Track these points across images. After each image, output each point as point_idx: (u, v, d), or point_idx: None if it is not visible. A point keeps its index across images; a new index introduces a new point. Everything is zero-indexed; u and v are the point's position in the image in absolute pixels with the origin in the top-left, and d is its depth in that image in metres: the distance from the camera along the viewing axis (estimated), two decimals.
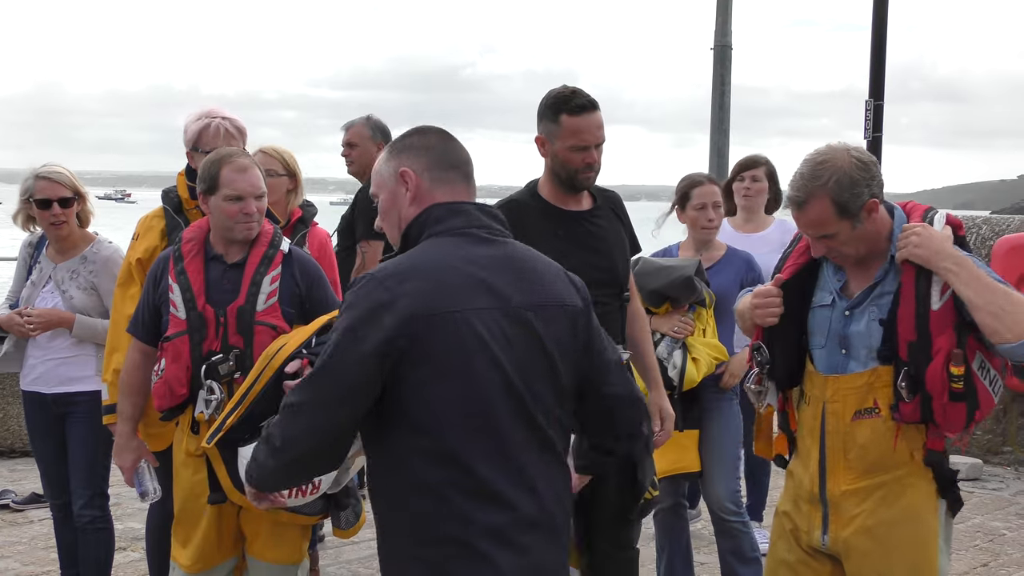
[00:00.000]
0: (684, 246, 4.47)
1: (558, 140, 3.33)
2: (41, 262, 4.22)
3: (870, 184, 2.71)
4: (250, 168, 3.34)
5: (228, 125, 3.86)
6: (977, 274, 2.63)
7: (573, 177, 3.36)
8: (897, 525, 2.78)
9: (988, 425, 7.45)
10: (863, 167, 2.71)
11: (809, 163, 2.73)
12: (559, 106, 3.32)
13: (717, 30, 10.93)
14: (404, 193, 2.33)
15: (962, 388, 2.65)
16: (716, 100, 10.95)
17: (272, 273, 3.31)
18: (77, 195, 4.16)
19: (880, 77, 7.58)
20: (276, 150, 4.60)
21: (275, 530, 3.34)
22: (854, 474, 2.80)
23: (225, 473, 3.20)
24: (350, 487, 3.39)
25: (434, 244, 2.28)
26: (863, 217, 2.72)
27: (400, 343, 2.15)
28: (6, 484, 6.27)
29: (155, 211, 3.91)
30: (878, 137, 7.55)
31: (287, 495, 3.13)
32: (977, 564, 5.32)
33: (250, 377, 3.16)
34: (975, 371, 2.67)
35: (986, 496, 6.64)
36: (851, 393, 2.78)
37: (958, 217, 2.84)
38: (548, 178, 3.43)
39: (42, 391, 4.16)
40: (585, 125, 3.31)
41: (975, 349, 2.68)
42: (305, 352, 3.19)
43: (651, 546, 4.71)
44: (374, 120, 5.67)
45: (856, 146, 2.81)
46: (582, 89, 3.36)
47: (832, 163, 2.70)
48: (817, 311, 2.87)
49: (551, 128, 3.34)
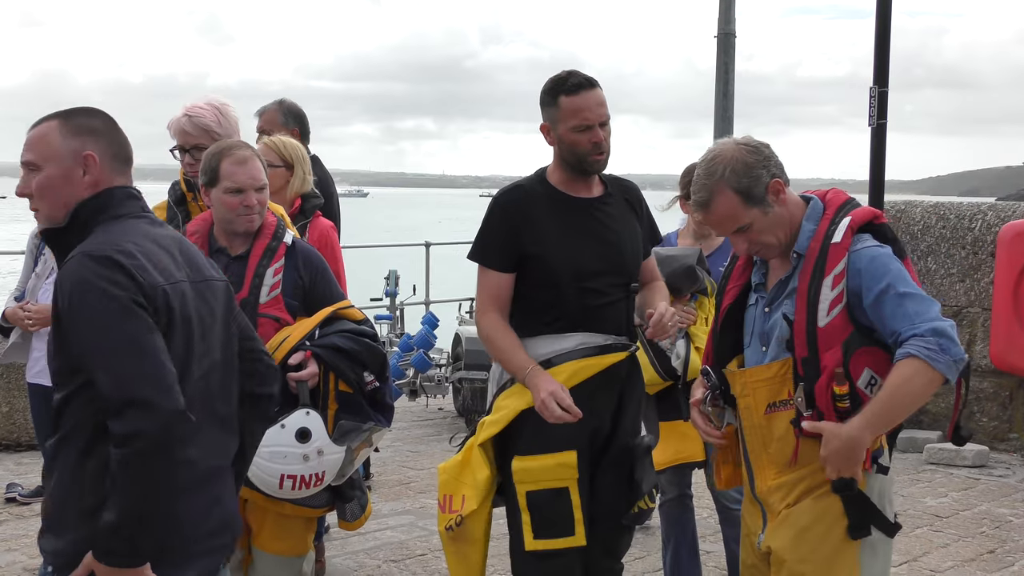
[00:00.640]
0: (683, 234, 4.46)
1: (560, 123, 3.25)
2: (46, 253, 4.24)
3: (766, 165, 2.70)
4: (250, 160, 3.33)
5: (184, 123, 3.80)
6: (880, 412, 2.56)
7: (583, 160, 3.26)
8: (817, 522, 2.70)
9: (994, 412, 7.45)
10: (753, 151, 2.72)
11: (702, 164, 2.75)
12: (556, 89, 3.25)
13: (720, 17, 10.89)
14: (82, 176, 2.35)
15: (847, 407, 2.60)
16: (720, 88, 10.91)
17: (275, 265, 3.32)
18: None
19: (885, 64, 7.53)
20: (274, 141, 4.59)
21: (280, 522, 3.35)
22: (776, 468, 2.76)
23: None
24: (355, 479, 3.40)
25: (125, 223, 2.35)
26: (771, 201, 2.70)
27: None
28: (12, 477, 6.29)
29: (161, 204, 3.92)
30: (883, 124, 7.50)
31: (292, 487, 3.14)
32: (983, 551, 5.31)
33: None
34: (860, 388, 2.60)
35: (992, 483, 6.63)
36: (761, 386, 2.74)
37: (875, 209, 2.77)
38: (557, 165, 3.35)
39: (46, 384, 4.17)
40: (584, 103, 3.22)
41: (864, 365, 2.60)
42: (308, 344, 3.20)
43: (657, 536, 4.72)
44: (287, 104, 5.59)
45: (744, 136, 2.81)
46: (579, 71, 3.29)
47: (722, 155, 2.72)
48: (748, 310, 2.86)
49: (552, 112, 3.27)
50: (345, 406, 3.25)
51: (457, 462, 3.31)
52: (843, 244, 2.65)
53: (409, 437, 7.68)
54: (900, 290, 2.57)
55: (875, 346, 2.61)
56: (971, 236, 7.62)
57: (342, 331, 3.29)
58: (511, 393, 3.25)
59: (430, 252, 11.00)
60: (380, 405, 3.37)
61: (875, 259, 2.63)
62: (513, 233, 3.24)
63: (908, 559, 5.15)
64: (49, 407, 4.14)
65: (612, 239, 3.32)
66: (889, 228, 2.75)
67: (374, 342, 3.35)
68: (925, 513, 5.95)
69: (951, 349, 2.52)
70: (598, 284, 3.24)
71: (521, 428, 3.21)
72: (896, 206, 8.04)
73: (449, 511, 3.26)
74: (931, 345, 2.50)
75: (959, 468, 6.96)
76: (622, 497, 3.34)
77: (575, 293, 3.22)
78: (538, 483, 3.19)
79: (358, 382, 3.26)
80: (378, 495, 6.12)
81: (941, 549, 5.33)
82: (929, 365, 2.49)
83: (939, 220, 7.79)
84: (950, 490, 6.48)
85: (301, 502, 3.27)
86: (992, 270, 7.37)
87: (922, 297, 2.60)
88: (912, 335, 2.52)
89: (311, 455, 3.13)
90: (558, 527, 3.19)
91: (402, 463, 6.91)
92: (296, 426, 3.12)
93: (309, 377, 3.17)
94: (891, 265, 2.63)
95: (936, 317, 2.55)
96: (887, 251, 2.66)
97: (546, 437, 3.16)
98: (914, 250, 7.84)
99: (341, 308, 3.37)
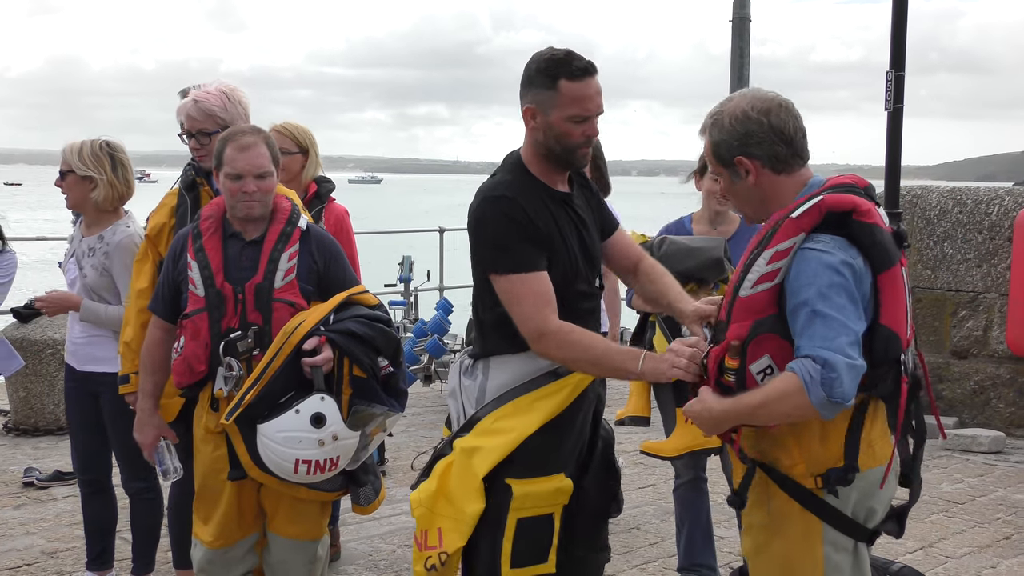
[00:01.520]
0: (697, 218, 4.44)
1: (555, 110, 2.87)
2: (76, 233, 4.30)
3: (742, 141, 2.52)
4: (252, 147, 3.30)
5: (190, 107, 3.79)
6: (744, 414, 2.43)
7: (571, 153, 2.92)
8: (773, 519, 2.56)
9: (1011, 398, 7.42)
10: (740, 121, 2.53)
11: (730, 97, 2.62)
12: (556, 70, 2.86)
13: (736, 2, 10.84)
14: None
15: (732, 383, 2.45)
16: (735, 73, 10.87)
17: (290, 250, 3.31)
18: (71, 171, 4.13)
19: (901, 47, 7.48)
20: (287, 127, 4.59)
21: (295, 506, 3.36)
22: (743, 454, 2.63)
23: (244, 450, 3.21)
24: (368, 464, 3.40)
25: None
26: (740, 173, 2.55)
27: None
28: (30, 462, 6.34)
29: (175, 188, 3.95)
30: (899, 109, 7.46)
31: (307, 472, 3.15)
32: (1000, 537, 5.30)
33: (268, 354, 3.18)
34: (752, 371, 2.42)
35: (1009, 469, 6.61)
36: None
37: (862, 202, 2.45)
38: (536, 154, 2.96)
39: (74, 366, 4.23)
40: (588, 92, 2.87)
41: (767, 351, 2.42)
42: (323, 329, 3.20)
43: (671, 522, 4.72)
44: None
45: (773, 98, 2.57)
46: (574, 51, 2.92)
47: (737, 101, 2.58)
48: None
49: (545, 96, 2.87)
50: (359, 391, 3.25)
51: (431, 493, 2.94)
52: (799, 222, 2.42)
53: (424, 423, 7.70)
54: (816, 307, 2.34)
55: (788, 341, 2.41)
56: (988, 221, 7.58)
57: (356, 316, 3.28)
58: (508, 414, 2.92)
59: (444, 238, 11.00)
60: (394, 390, 3.36)
61: (810, 264, 2.39)
62: (532, 227, 2.89)
63: (923, 545, 5.14)
64: (77, 387, 4.24)
65: (587, 237, 3.06)
66: (871, 232, 2.42)
67: (388, 327, 3.33)
68: (941, 499, 5.93)
69: (833, 386, 2.29)
70: (584, 285, 3.04)
71: (514, 453, 2.90)
72: (912, 191, 8.00)
73: (426, 548, 2.91)
74: (814, 374, 2.29)
75: (975, 454, 6.93)
76: (607, 491, 3.19)
77: (572, 296, 2.99)
78: (533, 509, 2.92)
79: (372, 367, 3.25)
80: (392, 480, 6.14)
81: (957, 535, 5.32)
82: (804, 392, 2.30)
83: (956, 205, 7.75)
84: (966, 476, 6.46)
85: (316, 486, 3.28)
86: (1009, 255, 7.32)
87: (837, 322, 2.33)
88: (806, 355, 2.32)
89: (326, 440, 3.13)
90: (535, 554, 2.94)
91: (417, 448, 6.93)
92: (311, 411, 3.13)
93: (324, 362, 3.17)
94: (821, 278, 2.36)
95: (838, 348, 2.30)
96: (832, 259, 2.38)
97: (544, 460, 2.94)
98: (930, 235, 7.81)
99: (355, 293, 3.37)
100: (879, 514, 2.59)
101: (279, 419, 3.13)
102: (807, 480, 2.51)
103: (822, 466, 2.49)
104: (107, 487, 4.33)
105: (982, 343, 7.56)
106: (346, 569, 4.78)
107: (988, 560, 4.97)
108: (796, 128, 2.57)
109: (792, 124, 2.56)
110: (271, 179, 3.34)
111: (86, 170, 4.14)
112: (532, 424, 2.89)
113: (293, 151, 4.52)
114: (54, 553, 4.92)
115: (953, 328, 7.68)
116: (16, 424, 7.21)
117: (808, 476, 2.51)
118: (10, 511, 5.53)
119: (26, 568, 4.73)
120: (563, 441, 2.98)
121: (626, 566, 4.77)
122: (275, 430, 3.13)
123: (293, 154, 4.51)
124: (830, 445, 2.49)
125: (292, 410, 3.12)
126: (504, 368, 2.97)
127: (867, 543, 2.59)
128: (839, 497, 2.50)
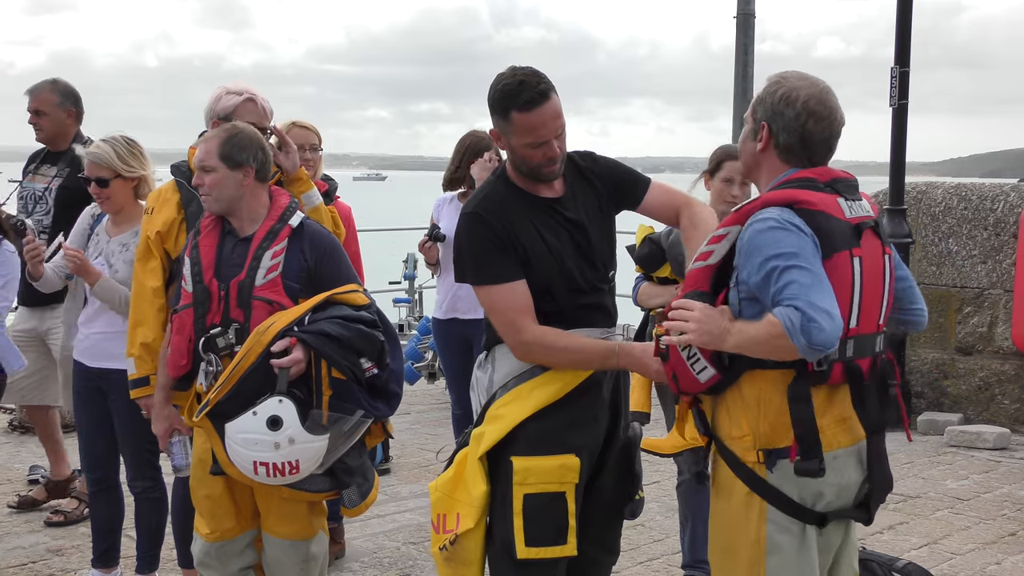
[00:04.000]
0: None
1: (513, 137, 3.00)
2: (99, 234, 4.26)
3: (774, 117, 2.66)
4: (209, 139, 3.36)
5: (268, 105, 3.82)
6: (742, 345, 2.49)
7: (536, 172, 3.04)
8: (720, 490, 2.68)
9: (1016, 394, 7.41)
10: (787, 103, 2.65)
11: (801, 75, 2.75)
12: (506, 103, 2.96)
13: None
14: None
15: (663, 350, 2.67)
16: (739, 70, 10.84)
17: (275, 248, 3.28)
18: (119, 176, 4.12)
19: (906, 43, 7.46)
20: (312, 125, 4.60)
21: (285, 506, 3.35)
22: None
23: (221, 447, 3.20)
24: (353, 466, 3.32)
25: None
26: (758, 134, 2.70)
27: None
28: (36, 460, 6.34)
29: (167, 185, 3.86)
30: (904, 104, 7.44)
31: (266, 474, 3.12)
32: (1005, 533, 5.29)
33: (239, 354, 3.16)
34: (672, 342, 2.60)
35: (1014, 465, 6.60)
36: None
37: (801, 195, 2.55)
38: (513, 168, 3.11)
39: (85, 363, 4.21)
40: (539, 120, 2.95)
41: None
42: (296, 330, 3.15)
43: (675, 519, 4.72)
44: (61, 84, 5.43)
45: (830, 106, 2.68)
46: (532, 73, 2.99)
47: (797, 83, 2.69)
48: None
49: (502, 125, 3.01)
50: (340, 393, 3.19)
51: (449, 478, 3.10)
52: (737, 215, 2.60)
53: (428, 420, 7.71)
54: (790, 262, 2.43)
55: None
56: (993, 217, 7.57)
57: (333, 317, 3.20)
58: (508, 401, 3.05)
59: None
60: (382, 392, 3.30)
61: (773, 233, 2.48)
62: (509, 238, 3.01)
63: (928, 541, 5.14)
64: (86, 384, 4.23)
65: (581, 238, 3.11)
66: (812, 218, 2.52)
67: (370, 328, 3.24)
68: (946, 496, 5.92)
69: (812, 332, 2.35)
70: (580, 284, 3.09)
71: (518, 433, 3.02)
72: (917, 187, 7.98)
73: (443, 531, 3.07)
74: (795, 320, 2.36)
75: (980, 451, 6.93)
76: (624, 492, 3.24)
77: (566, 297, 3.06)
78: (538, 485, 2.98)
79: (351, 369, 3.18)
80: (397, 477, 6.15)
81: (962, 532, 5.31)
82: (787, 336, 2.37)
83: (960, 201, 7.73)
84: (971, 472, 6.45)
85: (297, 486, 3.24)
86: (1014, 251, 7.31)
87: (811, 274, 2.43)
88: (788, 304, 2.39)
89: (282, 443, 3.07)
90: (552, 535, 2.99)
91: (421, 446, 6.93)
92: (268, 414, 3.07)
93: (291, 364, 3.11)
94: (786, 241, 2.46)
95: (818, 299, 2.39)
96: (787, 225, 2.48)
97: (548, 442, 3.00)
98: (935, 232, 7.79)
99: (340, 293, 3.29)
100: (827, 498, 2.60)
101: (239, 420, 3.10)
102: (749, 454, 2.59)
103: (769, 443, 2.57)
104: (114, 485, 4.34)
105: (987, 339, 7.55)
106: (350, 566, 4.78)
107: (993, 556, 4.97)
108: (822, 140, 2.67)
109: (820, 136, 2.66)
110: (214, 174, 3.30)
111: (133, 171, 4.14)
112: (527, 409, 3.01)
113: (319, 148, 4.54)
114: (59, 551, 4.93)
115: (958, 324, 7.67)
116: (21, 422, 7.21)
117: (752, 450, 2.58)
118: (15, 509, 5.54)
119: (31, 566, 4.74)
120: (571, 425, 3.04)
121: (630, 563, 4.77)
122: (235, 431, 3.11)
123: (319, 151, 4.53)
124: (778, 427, 2.56)
125: (250, 412, 3.09)
126: (507, 357, 3.09)
127: (817, 526, 2.62)
128: (773, 473, 2.57)
